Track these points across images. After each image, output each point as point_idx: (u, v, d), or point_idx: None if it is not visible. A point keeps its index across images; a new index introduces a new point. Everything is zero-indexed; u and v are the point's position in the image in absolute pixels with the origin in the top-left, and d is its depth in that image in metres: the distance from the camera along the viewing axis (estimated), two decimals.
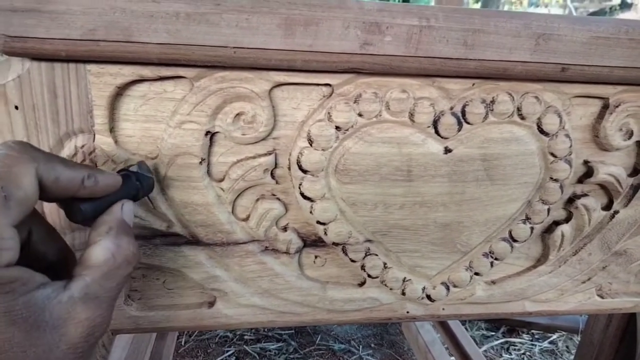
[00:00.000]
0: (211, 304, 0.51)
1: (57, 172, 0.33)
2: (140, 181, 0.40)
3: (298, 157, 0.45)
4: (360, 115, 0.45)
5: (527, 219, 0.53)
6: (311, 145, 0.45)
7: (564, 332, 1.78)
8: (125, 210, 0.38)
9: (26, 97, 0.40)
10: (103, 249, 0.34)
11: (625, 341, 0.79)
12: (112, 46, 0.38)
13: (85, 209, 0.36)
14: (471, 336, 1.50)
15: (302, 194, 0.47)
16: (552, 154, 0.49)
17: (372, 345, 1.69)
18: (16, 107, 0.41)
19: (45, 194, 0.33)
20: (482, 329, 1.80)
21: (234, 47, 0.39)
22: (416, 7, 0.42)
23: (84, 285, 0.33)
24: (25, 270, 0.30)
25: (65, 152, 0.43)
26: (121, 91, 0.42)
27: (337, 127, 0.45)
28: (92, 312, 0.33)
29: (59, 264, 0.38)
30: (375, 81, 0.44)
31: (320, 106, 0.44)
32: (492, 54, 0.43)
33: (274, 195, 0.48)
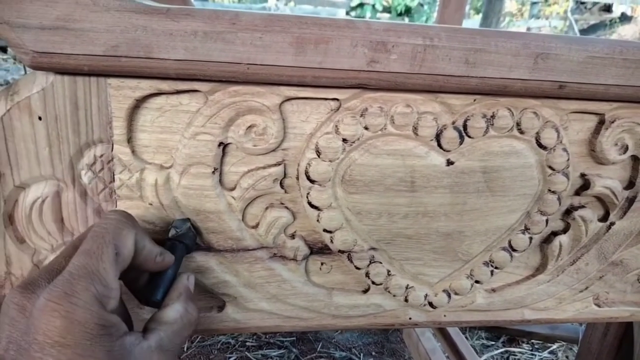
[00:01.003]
0: (221, 308, 0.53)
1: (144, 243, 0.41)
2: (184, 241, 0.46)
3: (306, 168, 0.47)
4: (366, 128, 0.47)
5: (526, 229, 0.54)
6: (319, 156, 0.47)
7: (563, 342, 1.78)
8: (191, 281, 0.45)
9: (49, 108, 0.43)
10: (174, 311, 0.41)
11: (623, 350, 0.80)
12: (132, 62, 0.40)
13: (157, 297, 0.43)
14: (471, 345, 1.51)
15: (309, 203, 0.49)
16: (550, 167, 0.51)
17: (373, 353, 1.70)
18: (39, 118, 0.43)
19: (133, 259, 0.39)
20: (482, 338, 1.81)
21: (248, 64, 0.41)
22: (420, 26, 0.44)
23: (159, 338, 0.39)
24: (119, 318, 0.36)
25: (85, 160, 0.45)
26: (139, 103, 0.44)
27: (344, 140, 0.47)
28: None
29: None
30: (381, 96, 0.46)
31: (328, 119, 0.47)
32: (492, 71, 0.45)
33: (282, 204, 0.50)
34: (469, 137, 0.49)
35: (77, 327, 0.33)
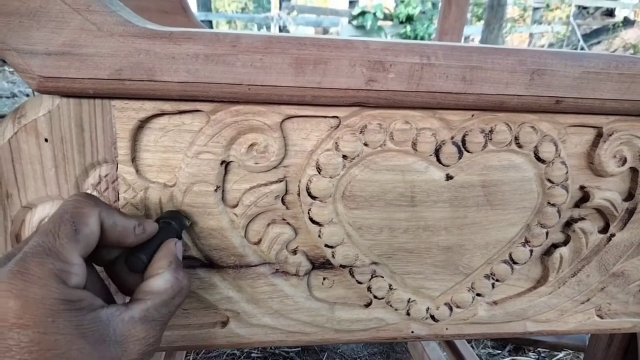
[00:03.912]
0: (224, 324, 0.54)
1: (115, 219, 0.39)
2: (175, 222, 0.45)
3: (307, 184, 0.48)
4: (365, 144, 0.47)
5: (527, 242, 0.55)
6: (319, 173, 0.48)
7: (570, 351, 1.77)
8: (178, 247, 0.43)
9: (55, 130, 0.43)
10: (164, 280, 0.40)
11: (627, 359, 0.80)
12: (136, 84, 0.41)
13: (143, 257, 0.41)
14: (477, 355, 1.50)
15: (311, 219, 0.50)
16: (549, 180, 0.52)
17: None
18: (46, 140, 0.44)
19: (104, 237, 0.38)
20: (489, 347, 1.80)
21: (249, 85, 0.42)
22: (417, 45, 0.45)
23: (144, 307, 0.38)
24: (89, 293, 0.35)
25: (90, 180, 0.46)
26: (143, 124, 0.45)
27: (344, 156, 0.47)
28: (148, 333, 0.37)
29: None
30: (380, 113, 0.47)
31: (328, 137, 0.47)
32: (489, 88, 0.45)
33: (284, 220, 0.51)
34: (468, 151, 0.49)
35: (34, 305, 0.31)
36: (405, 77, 0.44)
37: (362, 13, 9.43)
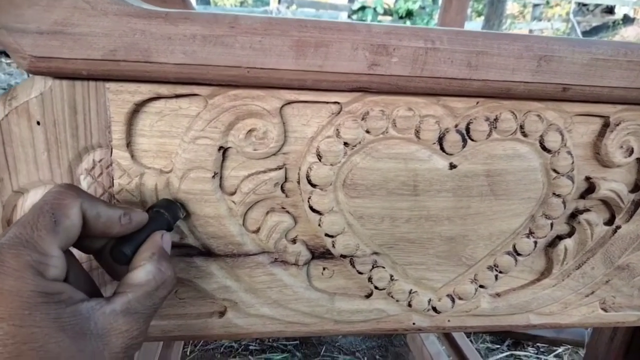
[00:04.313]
0: (222, 314, 0.53)
1: (98, 209, 0.38)
2: (168, 212, 0.44)
3: (307, 172, 0.47)
4: (367, 132, 0.46)
5: (531, 233, 0.54)
6: (320, 160, 0.47)
7: (569, 346, 1.77)
8: (165, 239, 0.42)
9: (47, 113, 0.42)
10: (146, 271, 0.38)
11: (630, 354, 0.79)
12: (131, 66, 0.40)
13: (126, 250, 0.39)
14: (476, 349, 1.50)
15: (311, 207, 0.48)
16: (555, 170, 0.50)
17: (377, 357, 1.69)
18: (38, 123, 0.42)
19: (87, 228, 0.37)
20: (487, 342, 1.80)
21: (248, 67, 0.41)
22: (422, 29, 0.43)
23: (126, 300, 0.36)
24: (70, 286, 0.34)
25: (84, 165, 0.44)
26: (138, 108, 0.43)
27: (345, 143, 0.46)
28: (131, 326, 0.36)
29: None
30: (382, 99, 0.46)
31: (329, 123, 0.46)
32: (495, 74, 0.44)
33: (283, 208, 0.50)
34: (472, 140, 0.48)
35: (9, 297, 0.30)
36: (409, 62, 0.43)
37: (362, 8, 9.40)
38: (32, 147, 0.43)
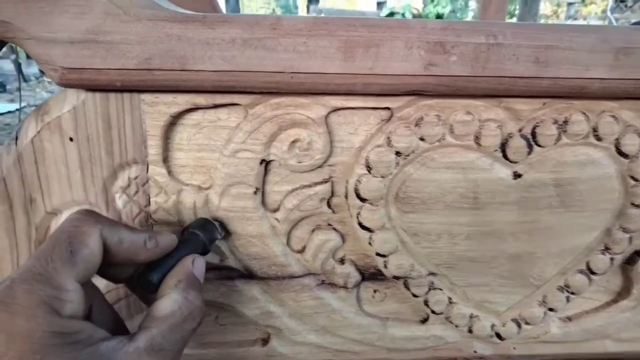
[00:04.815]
0: (265, 342, 0.49)
1: (120, 235, 0.35)
2: (204, 233, 0.40)
3: (356, 185, 0.43)
4: (422, 139, 0.42)
5: (607, 248, 0.48)
6: (370, 172, 0.43)
7: None
8: (197, 265, 0.38)
9: (81, 128, 0.40)
10: (171, 301, 0.35)
11: None
12: (167, 75, 0.37)
13: (152, 278, 0.36)
14: None
15: (360, 224, 0.45)
16: (633, 178, 0.45)
17: None
18: (71, 139, 0.40)
19: (110, 256, 0.34)
20: None
21: (291, 72, 0.38)
22: (481, 24, 0.39)
23: (149, 336, 0.33)
24: (89, 324, 0.31)
25: (119, 183, 0.42)
26: (175, 120, 0.41)
27: (397, 153, 0.42)
28: None
29: None
30: (437, 103, 0.42)
31: (378, 131, 0.42)
32: (566, 71, 0.39)
33: (330, 225, 0.46)
34: (539, 146, 0.43)
35: (19, 340, 0.28)
36: (469, 60, 0.38)
37: (391, 14, 9.40)
38: (64, 165, 0.41)
